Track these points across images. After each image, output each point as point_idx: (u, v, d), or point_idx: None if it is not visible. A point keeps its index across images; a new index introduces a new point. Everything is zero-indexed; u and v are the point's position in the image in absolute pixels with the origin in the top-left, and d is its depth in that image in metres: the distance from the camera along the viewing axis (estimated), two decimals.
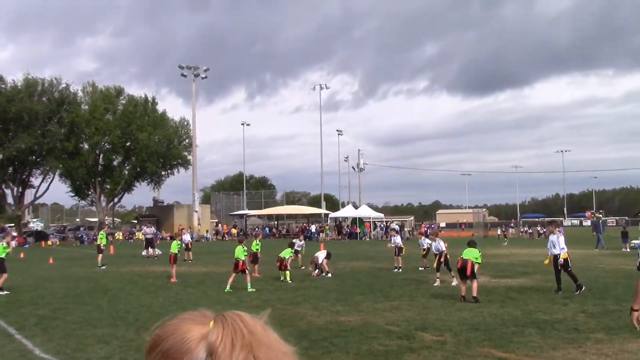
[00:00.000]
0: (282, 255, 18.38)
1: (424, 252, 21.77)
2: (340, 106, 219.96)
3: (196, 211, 62.65)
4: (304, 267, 20.76)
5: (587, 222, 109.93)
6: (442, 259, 17.05)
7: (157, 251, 31.93)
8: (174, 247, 19.65)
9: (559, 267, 14.42)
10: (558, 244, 14.47)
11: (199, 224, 62.04)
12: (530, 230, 61.08)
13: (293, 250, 19.01)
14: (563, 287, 14.38)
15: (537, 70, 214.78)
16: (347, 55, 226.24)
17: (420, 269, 21.24)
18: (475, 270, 13.33)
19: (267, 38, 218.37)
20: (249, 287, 15.54)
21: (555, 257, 14.45)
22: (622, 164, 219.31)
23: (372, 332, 9.65)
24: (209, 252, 35.89)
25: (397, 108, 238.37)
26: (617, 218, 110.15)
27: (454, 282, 15.96)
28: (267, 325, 1.04)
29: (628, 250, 31.16)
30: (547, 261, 15.03)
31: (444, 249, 17.32)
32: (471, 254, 13.40)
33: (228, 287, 15.53)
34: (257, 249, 20.49)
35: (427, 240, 21.71)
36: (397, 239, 22.54)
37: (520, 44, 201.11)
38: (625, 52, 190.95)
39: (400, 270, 20.83)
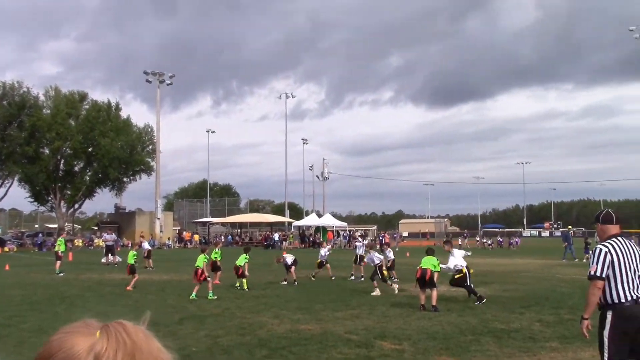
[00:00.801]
0: (237, 262, 18.25)
1: (389, 263, 21.85)
2: (306, 115, 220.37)
3: (158, 218, 61.93)
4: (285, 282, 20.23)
5: (546, 233, 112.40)
6: (380, 269, 17.10)
7: (117, 258, 31.45)
8: (130, 257, 19.45)
9: (455, 283, 15.11)
10: (458, 261, 15.27)
11: (161, 231, 61.32)
12: (490, 241, 62.00)
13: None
14: (524, 296, 14.64)
15: (499, 83, 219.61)
16: (314, 65, 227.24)
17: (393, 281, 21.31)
18: (435, 279, 13.48)
19: (234, 46, 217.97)
20: (210, 294, 15.44)
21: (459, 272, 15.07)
22: (580, 177, 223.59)
23: (332, 340, 9.68)
24: (170, 259, 35.51)
25: (363, 118, 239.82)
26: (575, 229, 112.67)
27: (374, 292, 16.21)
28: (149, 332, 1.09)
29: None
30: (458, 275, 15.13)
31: (381, 260, 17.65)
32: (430, 263, 13.55)
33: (194, 294, 15.41)
34: (216, 257, 20.30)
35: (389, 254, 21.79)
36: (363, 249, 22.60)
37: (484, 58, 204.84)
38: (584, 69, 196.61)
39: (362, 279, 20.90)
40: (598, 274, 5.32)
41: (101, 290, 17.94)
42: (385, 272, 17.35)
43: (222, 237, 67.58)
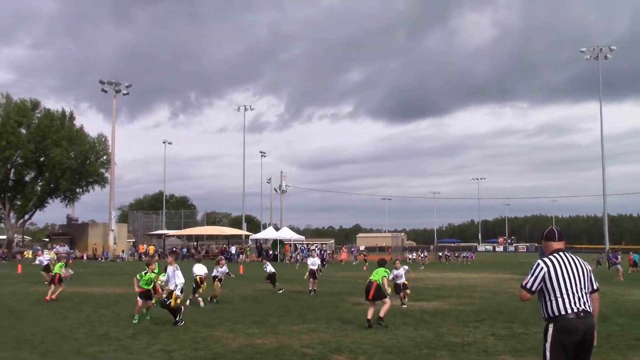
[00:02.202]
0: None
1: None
2: (265, 128, 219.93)
3: (112, 230, 60.79)
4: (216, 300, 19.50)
5: (500, 248, 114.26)
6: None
7: (70, 271, 30.62)
8: (57, 268, 19.17)
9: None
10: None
11: (114, 243, 60.19)
12: (449, 254, 62.85)
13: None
14: (478, 310, 14.81)
15: (457, 100, 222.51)
16: (274, 77, 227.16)
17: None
18: (387, 289, 13.50)
19: (193, 57, 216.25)
20: (142, 314, 14.95)
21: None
22: (534, 193, 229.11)
23: (287, 354, 9.61)
24: (124, 272, 34.80)
25: (322, 132, 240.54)
26: (528, 244, 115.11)
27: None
28: None
29: None
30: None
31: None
32: (377, 275, 13.43)
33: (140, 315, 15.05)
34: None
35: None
36: (317, 261, 22.55)
37: (442, 74, 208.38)
38: (539, 87, 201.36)
39: (315, 292, 20.85)
40: (528, 286, 5.56)
41: (51, 304, 17.44)
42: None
43: (152, 256, 66.72)
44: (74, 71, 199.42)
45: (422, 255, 55.69)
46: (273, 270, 21.27)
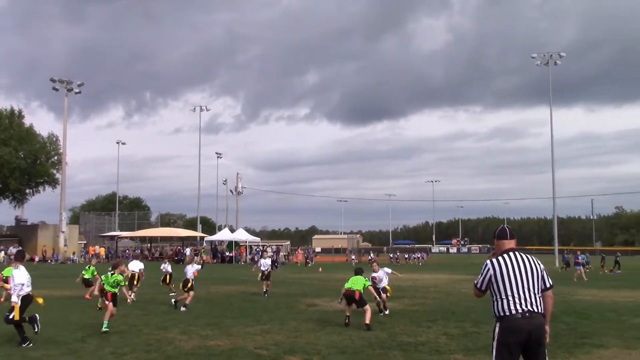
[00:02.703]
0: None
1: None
2: (222, 129, 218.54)
3: (63, 232, 59.39)
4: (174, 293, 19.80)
5: (454, 249, 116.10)
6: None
7: None
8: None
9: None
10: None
11: (65, 245, 58.81)
12: (406, 255, 63.34)
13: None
14: (431, 311, 14.98)
15: (412, 103, 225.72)
16: (230, 78, 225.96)
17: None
18: (377, 297, 13.40)
19: (148, 57, 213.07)
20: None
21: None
22: (487, 195, 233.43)
23: (241, 356, 9.54)
24: (73, 274, 33.96)
25: (278, 133, 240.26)
26: (480, 246, 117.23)
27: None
28: None
29: None
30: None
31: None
32: (357, 284, 13.29)
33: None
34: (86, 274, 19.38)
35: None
36: (268, 262, 22.43)
37: (398, 78, 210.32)
38: (492, 92, 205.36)
39: (266, 294, 20.76)
40: (478, 285, 5.71)
41: None
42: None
43: (93, 255, 65.62)
44: (23, 69, 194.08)
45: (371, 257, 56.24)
46: (170, 270, 21.05)
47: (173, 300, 17.31)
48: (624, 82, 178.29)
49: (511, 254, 5.63)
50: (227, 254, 58.77)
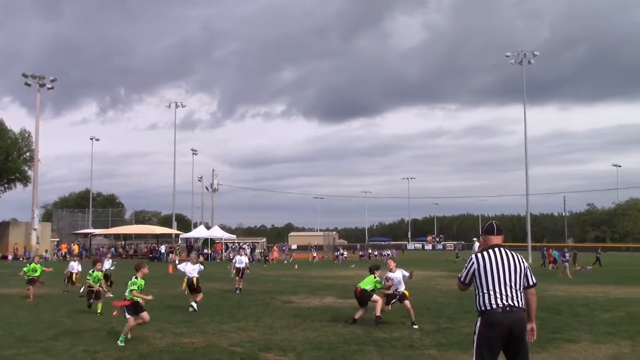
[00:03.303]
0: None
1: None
2: (197, 125, 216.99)
3: (35, 229, 58.52)
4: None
5: (429, 246, 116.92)
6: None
7: None
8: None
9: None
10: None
11: (37, 243, 57.96)
12: (376, 253, 63.34)
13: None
14: (401, 307, 15.04)
15: (388, 100, 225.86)
16: (207, 75, 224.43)
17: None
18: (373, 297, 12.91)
19: (123, 52, 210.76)
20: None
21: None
22: (462, 192, 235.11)
23: (216, 353, 9.50)
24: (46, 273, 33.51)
25: (255, 130, 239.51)
26: (455, 242, 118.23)
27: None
28: None
29: None
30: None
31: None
32: (366, 284, 13.04)
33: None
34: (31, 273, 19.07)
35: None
36: (244, 260, 22.39)
37: (374, 76, 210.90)
38: (467, 90, 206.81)
39: (240, 291, 20.69)
40: (462, 279, 5.83)
41: None
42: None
43: (104, 248, 64.93)
44: None
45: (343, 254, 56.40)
46: (80, 269, 20.99)
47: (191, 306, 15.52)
48: (596, 81, 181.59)
49: (496, 249, 5.70)
50: (205, 251, 58.45)
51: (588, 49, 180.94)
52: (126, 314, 10.65)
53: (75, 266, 21.37)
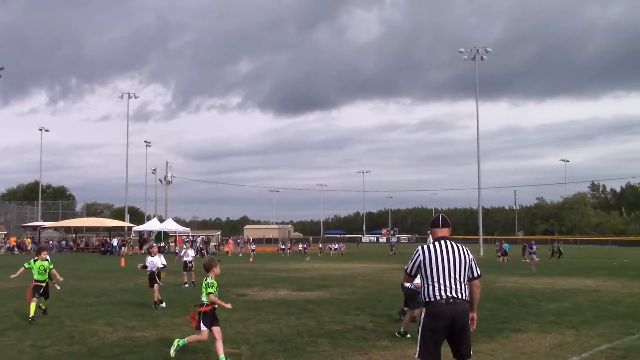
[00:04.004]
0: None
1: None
2: (151, 117, 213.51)
3: None
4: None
5: (383, 239, 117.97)
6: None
7: None
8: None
9: None
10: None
11: None
12: (336, 246, 62.10)
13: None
14: (359, 299, 15.19)
15: (344, 94, 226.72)
16: (161, 65, 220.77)
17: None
18: None
19: (74, 41, 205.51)
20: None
21: None
22: (415, 186, 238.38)
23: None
24: None
25: (210, 122, 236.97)
26: (409, 235, 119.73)
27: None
28: None
29: None
30: None
31: (160, 265, 15.62)
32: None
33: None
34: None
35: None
36: (190, 253, 22.27)
37: (330, 69, 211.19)
38: (421, 85, 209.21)
39: (194, 285, 20.53)
40: (408, 270, 6.01)
41: None
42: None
43: (54, 242, 63.50)
44: None
45: (304, 246, 55.87)
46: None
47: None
48: (546, 77, 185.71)
49: (442, 242, 5.82)
50: (161, 244, 57.71)
51: (538, 46, 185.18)
52: (201, 324, 8.45)
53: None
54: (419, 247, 5.89)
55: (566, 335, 10.64)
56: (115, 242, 57.20)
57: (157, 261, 15.54)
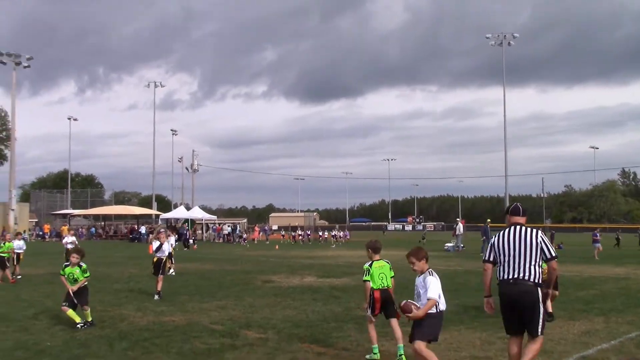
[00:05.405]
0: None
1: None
2: (177, 106, 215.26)
3: (12, 209, 57.93)
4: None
5: (409, 227, 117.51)
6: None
7: None
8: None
9: None
10: None
11: (15, 224, 57.41)
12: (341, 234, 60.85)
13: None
14: None
15: (369, 81, 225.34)
16: (187, 54, 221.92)
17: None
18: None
19: (101, 31, 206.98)
20: None
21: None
22: (441, 174, 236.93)
23: (196, 331, 9.57)
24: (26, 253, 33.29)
25: (236, 111, 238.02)
26: (435, 223, 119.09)
27: None
28: None
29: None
30: None
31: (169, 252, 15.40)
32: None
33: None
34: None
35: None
36: (171, 241, 20.98)
37: (355, 57, 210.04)
38: (447, 72, 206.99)
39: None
40: (485, 257, 6.53)
41: None
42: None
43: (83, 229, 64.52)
44: None
45: (335, 234, 55.65)
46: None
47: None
48: (574, 63, 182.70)
49: (513, 227, 6.32)
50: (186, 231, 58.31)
51: (567, 31, 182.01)
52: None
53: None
54: (496, 233, 6.49)
55: (595, 322, 10.53)
56: (143, 229, 57.91)
57: (167, 248, 15.27)
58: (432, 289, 6.53)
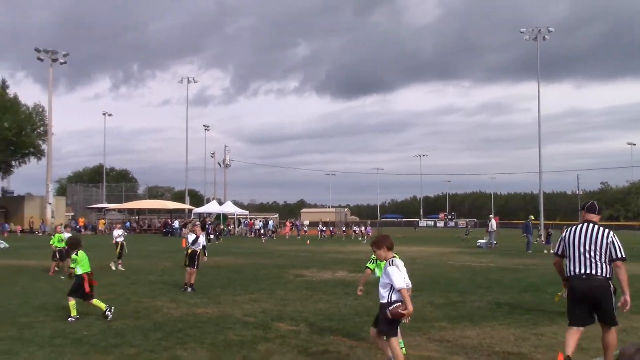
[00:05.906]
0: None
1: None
2: (210, 101, 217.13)
3: (50, 203, 59.14)
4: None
5: (441, 223, 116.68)
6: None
7: (3, 244, 29.77)
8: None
9: None
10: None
11: (52, 217, 58.62)
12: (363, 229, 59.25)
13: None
14: (417, 281, 15.12)
15: (402, 77, 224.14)
16: (219, 50, 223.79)
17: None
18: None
19: (136, 27, 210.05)
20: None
21: None
22: (473, 170, 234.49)
23: (229, 323, 9.66)
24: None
25: (268, 106, 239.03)
26: (467, 220, 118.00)
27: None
28: None
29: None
30: None
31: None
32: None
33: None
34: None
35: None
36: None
37: (387, 52, 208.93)
38: (480, 67, 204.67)
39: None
40: (555, 251, 6.80)
41: None
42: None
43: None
44: (7, 38, 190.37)
45: (362, 230, 55.31)
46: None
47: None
48: (612, 58, 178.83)
49: (586, 224, 6.47)
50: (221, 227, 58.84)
51: (604, 26, 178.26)
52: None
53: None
54: (566, 228, 6.69)
55: (632, 319, 10.32)
56: (176, 223, 58.59)
57: (202, 241, 15.06)
58: (395, 280, 6.38)
